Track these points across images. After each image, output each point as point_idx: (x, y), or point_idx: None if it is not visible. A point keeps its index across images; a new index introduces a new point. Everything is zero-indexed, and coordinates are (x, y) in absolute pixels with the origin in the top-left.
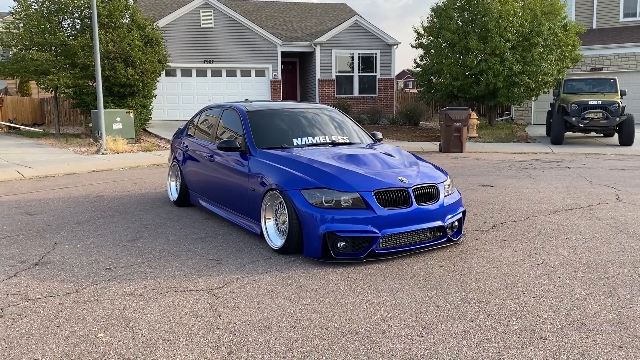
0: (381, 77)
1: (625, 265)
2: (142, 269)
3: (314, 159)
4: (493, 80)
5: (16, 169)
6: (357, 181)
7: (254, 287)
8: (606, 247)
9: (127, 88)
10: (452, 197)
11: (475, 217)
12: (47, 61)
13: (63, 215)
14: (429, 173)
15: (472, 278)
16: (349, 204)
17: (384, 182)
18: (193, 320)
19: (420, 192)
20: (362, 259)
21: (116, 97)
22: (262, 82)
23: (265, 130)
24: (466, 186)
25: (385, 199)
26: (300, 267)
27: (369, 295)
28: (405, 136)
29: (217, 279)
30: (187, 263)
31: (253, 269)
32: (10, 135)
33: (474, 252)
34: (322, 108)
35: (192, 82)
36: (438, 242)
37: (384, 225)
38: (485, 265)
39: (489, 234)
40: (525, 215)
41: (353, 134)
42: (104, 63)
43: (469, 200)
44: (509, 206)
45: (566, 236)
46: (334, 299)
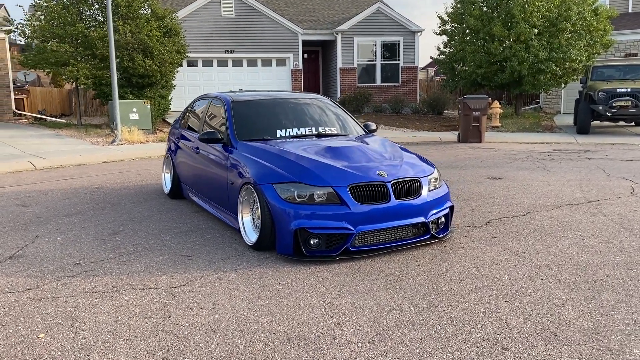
0: (404, 65)
1: (619, 267)
2: (111, 264)
3: (292, 152)
4: (518, 67)
5: (29, 160)
6: (332, 175)
7: (215, 286)
8: (603, 247)
9: (145, 79)
10: (438, 192)
11: (472, 212)
12: (67, 52)
13: (56, 207)
14: (413, 166)
15: (448, 279)
16: (323, 199)
17: (361, 176)
18: (140, 322)
19: (400, 186)
20: (335, 256)
21: (135, 88)
22: (283, 72)
23: (249, 122)
24: (473, 178)
25: (361, 194)
26: (271, 264)
27: (332, 296)
28: (425, 126)
29: (181, 277)
30: (158, 259)
31: (222, 266)
32: (35, 126)
33: (458, 250)
34: (313, 98)
35: (213, 73)
36: (420, 239)
37: (360, 222)
38: (465, 265)
39: (481, 231)
40: (525, 210)
41: (343, 126)
42: (122, 54)
43: (471, 193)
44: (512, 200)
45: (563, 234)
46: (294, 300)
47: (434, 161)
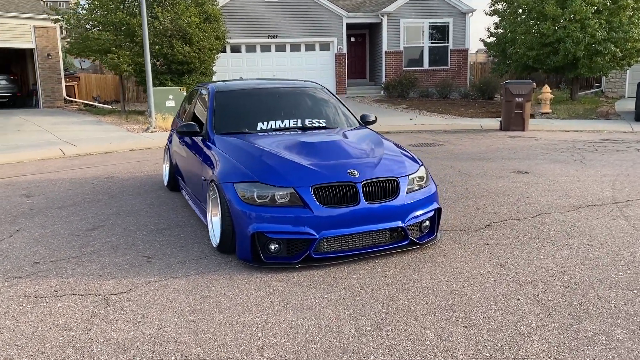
0: (454, 47)
1: (617, 287)
2: (68, 265)
3: (260, 148)
4: (572, 49)
5: (61, 147)
6: (295, 175)
7: (155, 295)
8: (609, 259)
9: (184, 65)
10: (421, 193)
11: (475, 212)
12: (109, 40)
13: (55, 198)
14: (394, 164)
15: (410, 295)
16: (286, 200)
17: (328, 175)
18: (57, 334)
19: (373, 187)
20: (295, 264)
21: (175, 75)
22: (327, 56)
23: (230, 113)
24: (497, 172)
25: (327, 195)
26: (227, 271)
27: (273, 312)
28: (470, 112)
29: (128, 282)
30: (117, 260)
31: (176, 271)
32: (82, 112)
33: (438, 259)
34: (308, 87)
35: (256, 58)
36: (397, 245)
37: (324, 226)
38: (437, 278)
39: (475, 235)
40: (537, 212)
41: (334, 118)
42: (162, 41)
43: (485, 190)
44: (527, 199)
45: (568, 241)
46: (229, 316)
47: (463, 152)
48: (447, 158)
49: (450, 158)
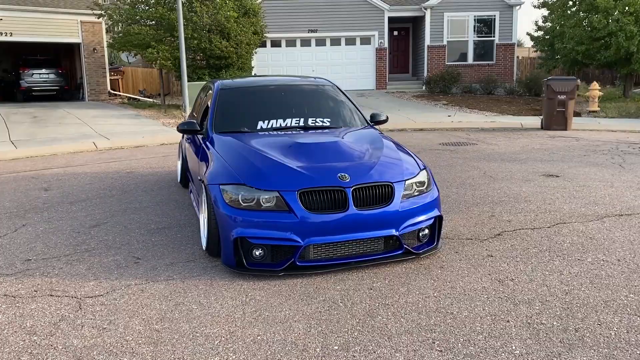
0: (500, 41)
1: (624, 311)
2: (58, 263)
3: (253, 148)
4: (625, 43)
5: (95, 140)
6: (282, 178)
7: (130, 299)
8: (622, 278)
9: (222, 60)
10: (420, 199)
11: (488, 220)
12: (148, 35)
13: (70, 193)
14: (391, 168)
15: (390, 311)
16: (272, 204)
17: (316, 179)
18: (20, 339)
19: (364, 192)
20: (278, 272)
21: (213, 70)
22: (368, 51)
23: (231, 111)
24: (524, 175)
25: (313, 200)
26: (210, 276)
27: (241, 325)
28: (513, 109)
29: (108, 284)
30: (106, 260)
31: (159, 274)
32: (124, 105)
33: (434, 271)
34: (316, 84)
35: (296, 53)
36: (390, 255)
37: (309, 233)
38: (426, 293)
39: (481, 246)
40: (556, 221)
41: (341, 117)
42: (200, 35)
43: (505, 195)
44: (548, 206)
45: (582, 255)
46: (195, 327)
47: (495, 152)
48: (476, 158)
49: (480, 159)
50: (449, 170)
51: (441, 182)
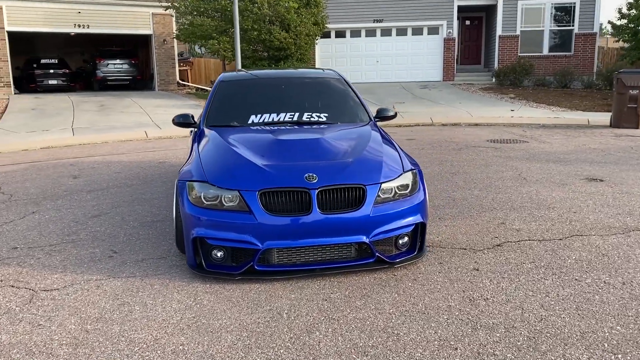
0: (580, 31)
1: (595, 347)
2: (38, 253)
3: (228, 145)
4: None
5: (147, 129)
6: (244, 177)
7: (81, 296)
8: (616, 307)
9: (281, 51)
10: (399, 203)
11: (495, 228)
12: (211, 26)
13: (94, 181)
14: (366, 169)
15: (333, 327)
16: (234, 204)
17: (279, 179)
18: None
19: (331, 195)
20: (236, 275)
21: (272, 61)
22: (435, 41)
23: (227, 104)
24: (563, 178)
25: (275, 201)
26: (171, 275)
27: (172, 331)
28: (585, 104)
29: (71, 278)
30: (84, 252)
31: (124, 270)
32: (189, 96)
33: (405, 284)
34: (322, 77)
35: (360, 43)
36: (360, 263)
37: (268, 236)
38: (381, 309)
39: (471, 257)
40: (573, 232)
41: (339, 111)
42: (260, 26)
43: (530, 200)
44: (572, 214)
45: (581, 275)
46: (125, 331)
47: (543, 152)
48: (519, 158)
49: (522, 158)
50: (482, 170)
51: (466, 182)
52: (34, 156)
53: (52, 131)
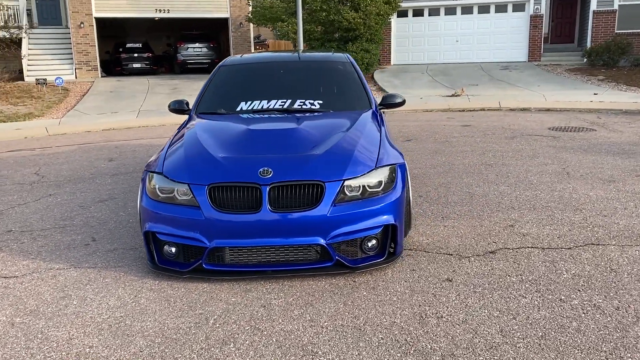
0: None
1: None
2: (26, 238)
3: (196, 135)
4: None
5: None
6: (196, 170)
7: (30, 286)
8: (592, 338)
9: (349, 32)
10: (367, 202)
11: (499, 231)
12: (280, 8)
13: (124, 165)
14: (332, 164)
15: (249, 341)
16: (187, 198)
17: (231, 173)
18: None
19: (285, 191)
20: (184, 273)
21: (340, 42)
22: (520, 19)
23: (221, 91)
24: (615, 174)
25: (224, 197)
26: (128, 269)
27: (90, 331)
28: None
29: (37, 265)
30: (66, 239)
31: (89, 260)
32: None
33: (358, 293)
34: (327, 61)
35: (439, 22)
36: (317, 267)
37: (217, 234)
38: (315, 323)
39: (451, 266)
40: (590, 240)
41: (337, 98)
42: (329, 6)
43: (557, 199)
44: (601, 219)
45: (571, 294)
46: (45, 327)
47: (607, 142)
48: (575, 149)
49: (579, 149)
50: (524, 163)
51: (497, 176)
52: (91, 138)
53: (120, 113)
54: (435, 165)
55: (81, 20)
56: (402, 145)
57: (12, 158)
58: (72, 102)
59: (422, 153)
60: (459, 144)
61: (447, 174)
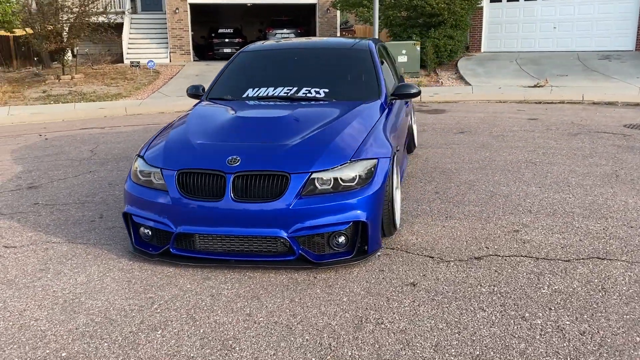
0: None
1: None
2: (46, 211)
3: (185, 120)
4: None
5: None
6: (171, 155)
7: (19, 258)
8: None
9: (433, 18)
10: (337, 197)
11: (501, 236)
12: None
13: None
14: (303, 155)
15: (160, 336)
16: (161, 183)
17: (199, 160)
18: None
19: (249, 181)
20: (153, 256)
21: (423, 28)
22: (629, 3)
23: (235, 77)
24: None
25: (191, 183)
26: (112, 247)
27: (44, 304)
28: None
29: (38, 237)
30: (78, 214)
31: (86, 235)
32: None
33: (312, 290)
34: (344, 48)
35: (535, 7)
36: (278, 260)
37: (183, 220)
38: (250, 317)
39: (423, 270)
40: (597, 254)
41: (346, 87)
42: None
43: (590, 204)
44: (625, 230)
45: (539, 313)
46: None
47: None
48: None
49: None
50: (573, 162)
51: (534, 176)
52: (160, 119)
53: None
54: (473, 160)
55: (176, 6)
56: (452, 139)
57: (80, 135)
58: (159, 84)
59: (467, 147)
60: (513, 138)
61: (481, 170)
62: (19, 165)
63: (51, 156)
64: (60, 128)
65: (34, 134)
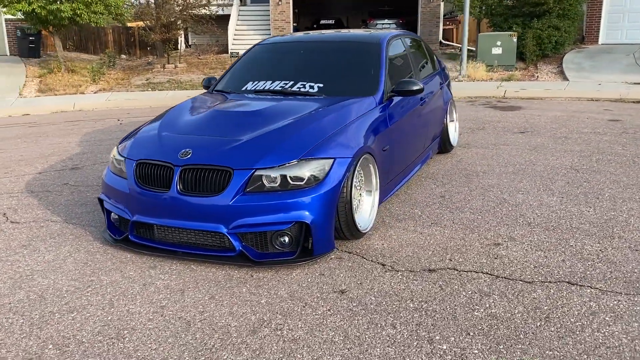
0: None
1: None
2: (70, 192)
3: (169, 111)
4: None
5: None
6: (137, 146)
7: (24, 232)
8: None
9: (537, 7)
10: (282, 195)
11: (472, 248)
12: None
13: None
14: (252, 150)
15: (87, 317)
16: (125, 172)
17: (155, 151)
18: None
19: (194, 175)
20: (116, 242)
21: (526, 18)
22: None
23: (244, 69)
24: None
25: (145, 174)
26: (98, 236)
27: (17, 277)
28: None
29: (43, 215)
30: (92, 196)
31: (91, 218)
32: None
33: (238, 289)
34: (354, 42)
35: None
36: (220, 255)
37: (138, 210)
38: (162, 307)
39: (368, 277)
40: (572, 277)
41: (343, 83)
42: None
43: (610, 221)
44: (624, 252)
45: (450, 337)
46: None
47: None
48: None
49: None
50: (625, 172)
51: (567, 183)
52: None
53: None
54: (511, 164)
55: None
56: (506, 139)
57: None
58: None
59: (516, 149)
60: (575, 141)
61: (510, 175)
62: (79, 147)
63: (113, 140)
64: (142, 114)
65: (113, 119)
